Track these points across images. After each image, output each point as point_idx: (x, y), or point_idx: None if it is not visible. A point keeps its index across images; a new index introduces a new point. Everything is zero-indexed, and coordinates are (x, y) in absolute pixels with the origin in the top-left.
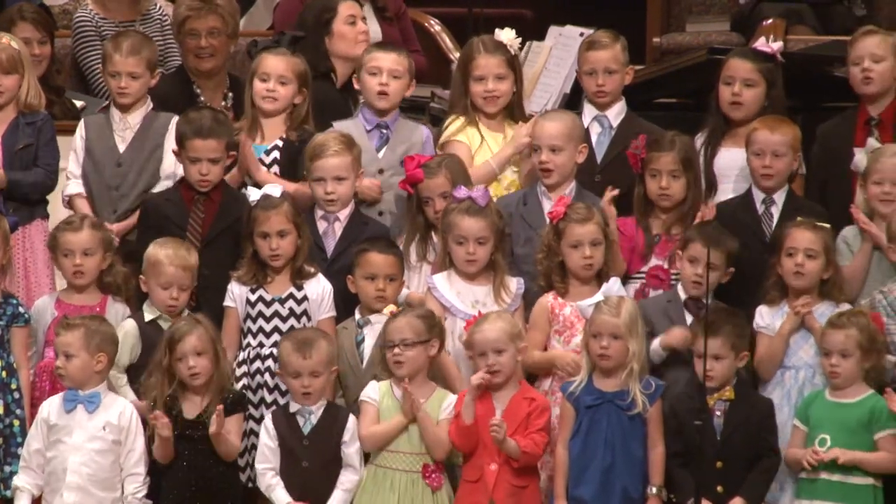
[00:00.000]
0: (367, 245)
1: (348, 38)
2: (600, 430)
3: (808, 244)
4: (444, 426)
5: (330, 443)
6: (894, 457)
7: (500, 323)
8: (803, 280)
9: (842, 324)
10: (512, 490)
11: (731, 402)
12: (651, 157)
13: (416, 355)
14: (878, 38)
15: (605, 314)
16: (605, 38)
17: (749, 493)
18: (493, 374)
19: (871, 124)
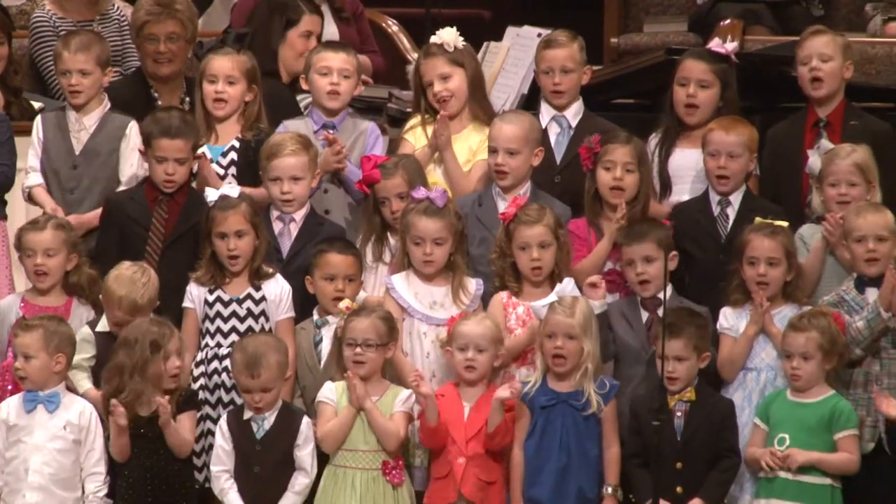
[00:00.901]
0: (326, 246)
1: (297, 50)
2: (555, 430)
3: (769, 252)
4: (397, 418)
5: (283, 446)
6: (854, 457)
7: (487, 322)
8: (767, 290)
9: (802, 326)
10: (480, 485)
11: (692, 402)
12: (606, 149)
13: (377, 357)
14: (826, 37)
15: (559, 314)
16: (562, 37)
17: (708, 494)
18: (469, 370)
19: (820, 126)
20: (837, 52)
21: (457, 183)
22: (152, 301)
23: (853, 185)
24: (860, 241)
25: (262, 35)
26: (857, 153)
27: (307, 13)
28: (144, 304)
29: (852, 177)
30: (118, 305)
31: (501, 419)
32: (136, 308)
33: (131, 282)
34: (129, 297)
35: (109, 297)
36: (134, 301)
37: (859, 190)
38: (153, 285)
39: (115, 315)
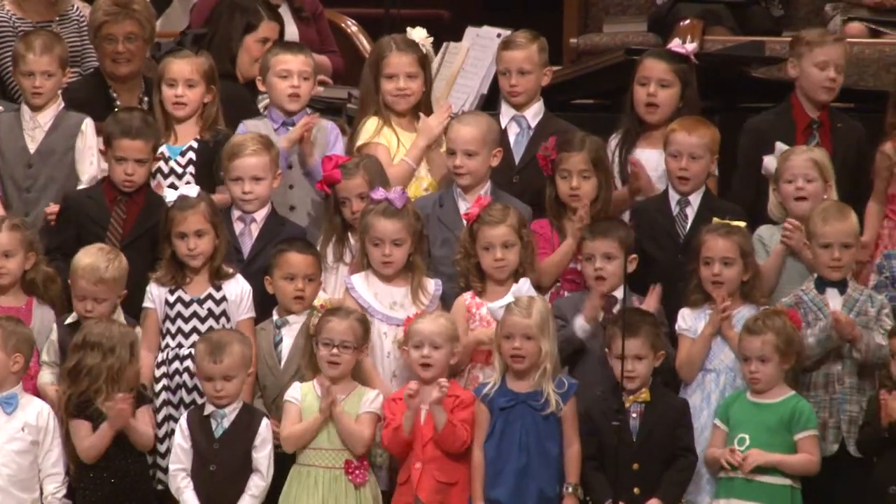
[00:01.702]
0: (286, 245)
1: (253, 55)
2: (515, 431)
3: (723, 252)
4: (362, 420)
5: (241, 447)
6: (814, 458)
7: (442, 320)
8: (722, 289)
9: (758, 329)
10: (438, 487)
11: (647, 403)
12: (561, 157)
13: (351, 359)
14: (843, 47)
15: (515, 315)
16: (521, 39)
17: (665, 494)
18: (425, 367)
19: (814, 127)
20: (844, 62)
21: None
22: (117, 281)
23: (810, 180)
24: (826, 247)
25: (221, 37)
26: (814, 151)
27: (266, 19)
28: (108, 277)
29: (809, 171)
30: (81, 274)
31: (445, 420)
32: (98, 278)
33: (97, 255)
34: (94, 264)
35: (74, 269)
36: (97, 269)
37: (816, 186)
38: (122, 266)
39: (79, 286)
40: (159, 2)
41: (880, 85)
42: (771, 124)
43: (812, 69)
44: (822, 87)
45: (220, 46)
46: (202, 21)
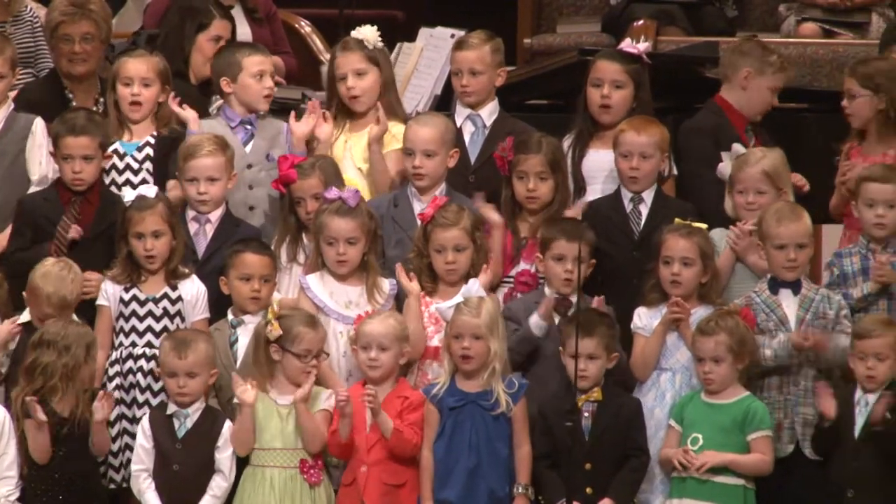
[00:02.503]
0: (241, 246)
1: (206, 54)
2: (464, 431)
3: (683, 252)
4: (319, 419)
5: (204, 447)
6: (767, 458)
7: (391, 321)
8: (680, 289)
9: (710, 330)
10: (385, 489)
11: (599, 402)
12: (518, 159)
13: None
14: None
15: (465, 315)
16: (474, 39)
17: (618, 493)
18: (373, 368)
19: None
20: None
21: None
22: (78, 297)
23: (761, 192)
24: (781, 248)
25: (173, 37)
26: (766, 160)
27: (218, 18)
28: (73, 299)
29: (760, 185)
30: (47, 302)
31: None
32: (65, 304)
33: (59, 278)
34: (59, 293)
35: (37, 294)
36: (63, 297)
37: (767, 198)
38: (79, 281)
39: (43, 311)
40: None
41: (834, 85)
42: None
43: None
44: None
45: (173, 46)
46: (156, 21)
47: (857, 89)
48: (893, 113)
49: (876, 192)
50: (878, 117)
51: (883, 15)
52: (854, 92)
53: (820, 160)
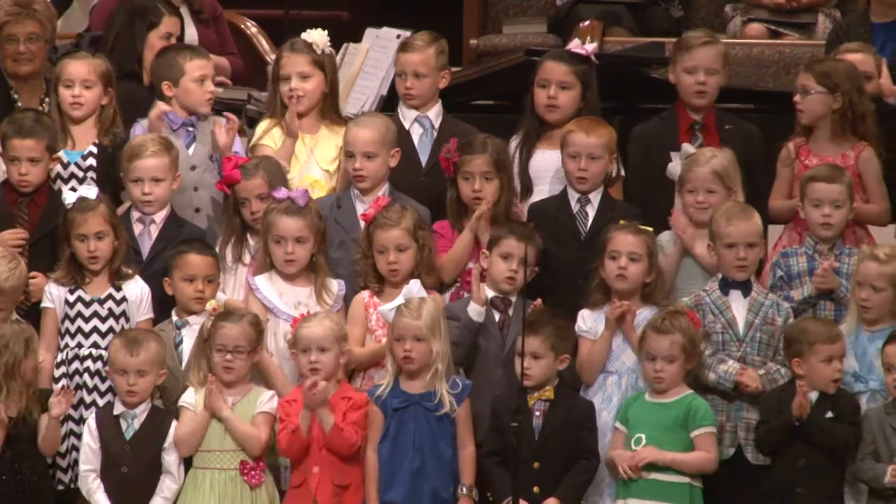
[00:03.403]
0: (185, 247)
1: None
2: (408, 432)
3: (630, 247)
4: (258, 420)
5: (151, 448)
6: (711, 455)
7: (327, 322)
8: (626, 283)
9: (666, 329)
10: (335, 490)
11: (551, 402)
12: (463, 160)
13: (245, 363)
14: (714, 50)
15: (406, 317)
16: (419, 41)
17: (564, 494)
18: (314, 371)
19: (696, 128)
20: (721, 63)
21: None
22: (15, 289)
23: (711, 192)
24: (731, 247)
25: (124, 38)
26: (716, 159)
27: (167, 15)
28: (7, 287)
29: (710, 184)
30: None
31: (332, 423)
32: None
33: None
34: None
35: None
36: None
37: (717, 197)
38: (20, 274)
39: None
40: (59, 3)
41: (780, 86)
42: (654, 129)
43: (682, 74)
44: (692, 91)
45: (124, 47)
46: (102, 23)
47: (813, 86)
48: (850, 113)
49: (822, 192)
50: (833, 117)
51: (829, 15)
52: (809, 88)
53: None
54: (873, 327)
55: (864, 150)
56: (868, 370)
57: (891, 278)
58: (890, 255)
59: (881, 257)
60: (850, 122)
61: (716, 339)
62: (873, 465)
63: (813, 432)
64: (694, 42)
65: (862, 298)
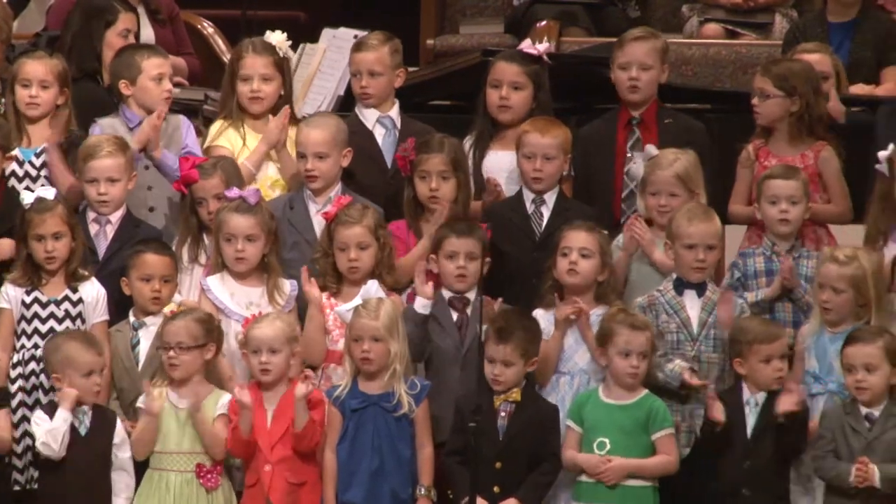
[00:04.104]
0: (142, 247)
1: (116, 49)
2: (367, 433)
3: (582, 244)
4: (218, 424)
5: (100, 446)
6: (672, 458)
7: (278, 323)
8: (577, 278)
9: (642, 325)
10: (289, 488)
11: (517, 404)
12: (420, 159)
13: (192, 359)
14: (647, 45)
15: (363, 318)
16: (373, 41)
17: (526, 495)
18: (265, 372)
19: (633, 124)
20: (657, 59)
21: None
22: None
23: (673, 195)
24: (691, 248)
25: (82, 38)
26: (679, 162)
27: (123, 12)
28: None
29: (673, 188)
30: None
31: (308, 417)
32: None
33: None
34: None
35: None
36: None
37: (680, 200)
38: None
39: None
40: (15, 3)
41: (737, 86)
42: (597, 129)
43: (617, 70)
44: (625, 87)
45: (82, 47)
46: (59, 23)
47: (771, 89)
48: (808, 116)
49: (778, 189)
50: (791, 119)
51: (786, 15)
52: (767, 92)
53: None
54: (836, 329)
55: (824, 150)
56: (827, 371)
57: (851, 280)
58: (850, 257)
59: (841, 259)
60: (808, 124)
61: (670, 339)
62: (836, 463)
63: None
64: (627, 38)
65: (823, 300)
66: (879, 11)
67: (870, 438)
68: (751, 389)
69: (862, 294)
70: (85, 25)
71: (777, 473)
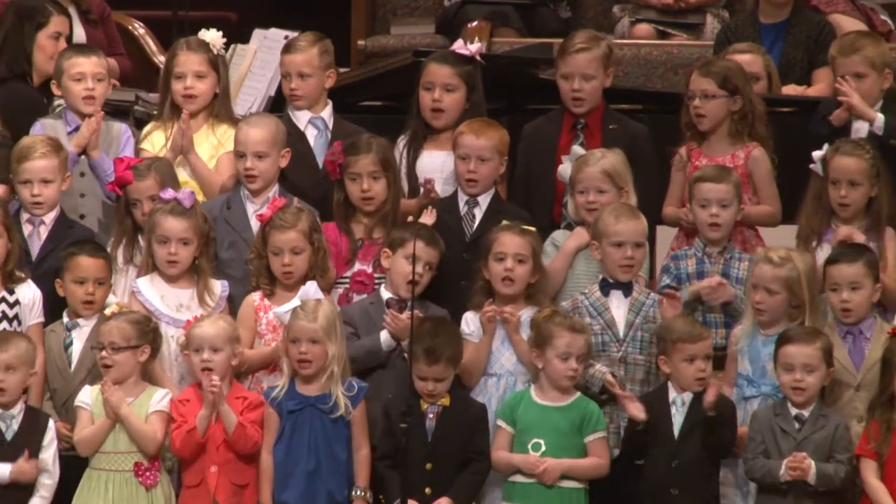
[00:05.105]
0: (76, 248)
1: (48, 52)
2: (304, 434)
3: (516, 249)
4: (153, 420)
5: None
6: (603, 461)
7: (221, 322)
8: (512, 287)
9: (581, 328)
10: (233, 490)
11: (445, 406)
12: (349, 161)
13: (125, 360)
14: (589, 55)
15: (301, 320)
16: (302, 42)
17: (457, 494)
18: (206, 371)
19: (578, 128)
20: (599, 68)
21: (206, 182)
22: None
23: (602, 192)
24: (619, 246)
25: (13, 39)
26: (606, 159)
27: (55, 14)
28: None
29: (601, 184)
30: None
31: (236, 422)
32: None
33: None
34: None
35: None
36: None
37: (608, 197)
38: None
39: None
40: None
41: (668, 86)
42: (540, 128)
43: (560, 80)
44: (568, 98)
45: (13, 49)
46: None
47: (715, 90)
48: (751, 115)
49: (708, 192)
50: (734, 118)
51: (717, 16)
52: (711, 92)
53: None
54: (769, 330)
55: (755, 150)
56: (761, 374)
57: (785, 281)
58: (784, 258)
59: (775, 260)
60: (750, 122)
61: (595, 341)
62: (765, 462)
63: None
64: (568, 48)
65: (756, 301)
66: (811, 12)
67: (799, 439)
68: (676, 389)
69: (795, 295)
70: (16, 26)
71: (705, 473)
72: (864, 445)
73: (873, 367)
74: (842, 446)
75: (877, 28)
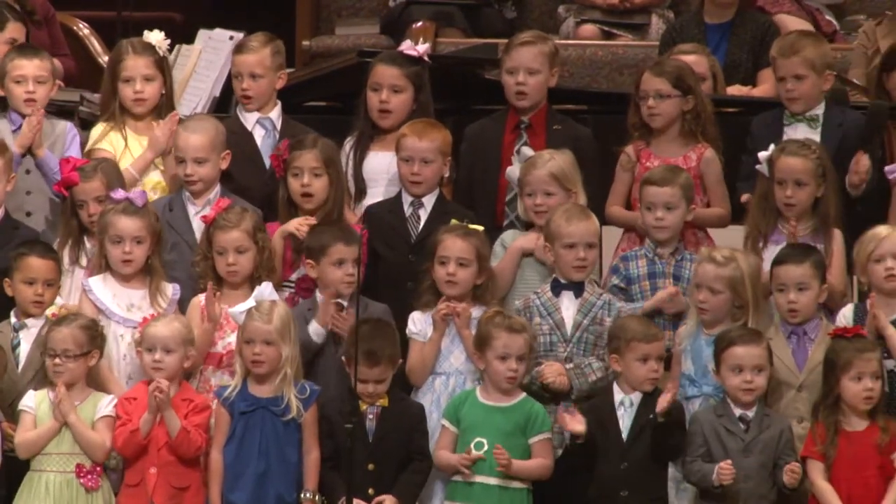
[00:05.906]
0: (26, 249)
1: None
2: (255, 436)
3: (459, 253)
4: (99, 426)
5: None
6: (548, 462)
7: (175, 324)
8: (456, 289)
9: (520, 327)
10: (172, 492)
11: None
12: (293, 156)
13: (77, 366)
14: (534, 49)
15: (256, 321)
16: (254, 42)
17: (400, 493)
18: (157, 371)
19: (521, 128)
20: (544, 64)
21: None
22: None
23: (549, 194)
24: (571, 247)
25: None
26: (553, 161)
27: (12, 20)
28: None
29: (548, 186)
30: None
31: (179, 427)
32: None
33: None
34: None
35: None
36: None
37: (556, 199)
38: None
39: None
40: None
41: (613, 87)
42: (483, 128)
43: (504, 75)
44: (512, 92)
45: None
46: None
47: (669, 89)
48: (704, 114)
49: (654, 195)
50: (687, 117)
51: (662, 16)
52: (665, 92)
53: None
54: (712, 330)
55: (707, 151)
56: (703, 374)
57: (729, 281)
58: (728, 258)
59: (719, 259)
60: (703, 122)
61: (543, 341)
62: (701, 465)
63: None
64: (514, 42)
65: (700, 301)
66: (756, 13)
67: (747, 440)
68: (624, 390)
69: (739, 295)
70: None
71: (654, 474)
72: (811, 447)
73: (816, 367)
74: (788, 448)
75: (822, 28)
